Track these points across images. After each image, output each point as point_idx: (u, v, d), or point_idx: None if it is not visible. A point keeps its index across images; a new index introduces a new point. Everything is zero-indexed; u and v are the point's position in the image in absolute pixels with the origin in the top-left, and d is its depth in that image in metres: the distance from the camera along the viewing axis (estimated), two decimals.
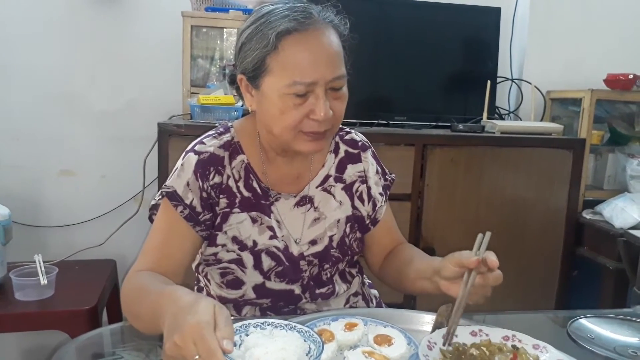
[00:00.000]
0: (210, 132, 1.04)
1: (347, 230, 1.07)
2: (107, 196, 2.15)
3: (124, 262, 2.10)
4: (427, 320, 0.91)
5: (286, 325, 0.74)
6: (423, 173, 1.89)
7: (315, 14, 0.91)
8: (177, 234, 0.97)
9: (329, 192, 1.07)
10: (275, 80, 0.89)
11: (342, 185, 1.08)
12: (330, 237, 1.05)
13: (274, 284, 1.02)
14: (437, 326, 0.85)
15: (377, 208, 1.10)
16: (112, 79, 2.14)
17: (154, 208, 1.01)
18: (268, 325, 0.74)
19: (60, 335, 1.62)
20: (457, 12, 2.23)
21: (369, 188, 1.10)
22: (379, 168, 1.13)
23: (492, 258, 0.82)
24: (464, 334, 0.81)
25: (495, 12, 2.26)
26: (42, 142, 2.11)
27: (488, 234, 0.86)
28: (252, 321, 0.74)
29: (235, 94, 1.88)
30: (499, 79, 2.31)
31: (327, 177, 1.07)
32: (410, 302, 1.91)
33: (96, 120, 2.14)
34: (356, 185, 1.09)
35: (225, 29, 2.03)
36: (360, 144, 1.12)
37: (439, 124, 2.12)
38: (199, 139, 1.03)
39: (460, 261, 0.84)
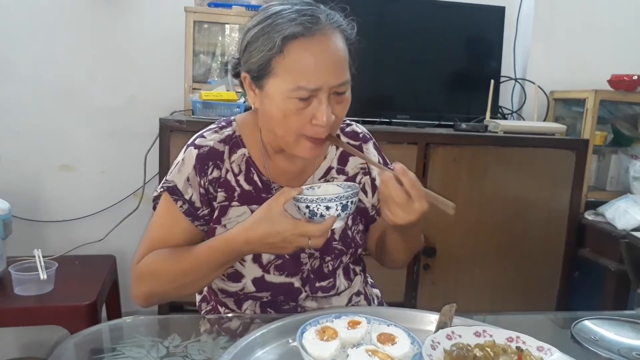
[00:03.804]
0: (212, 126, 1.05)
1: (349, 222, 1.08)
2: (108, 191, 2.15)
3: (123, 258, 2.09)
4: (430, 319, 0.90)
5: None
6: (425, 172, 1.88)
7: (323, 18, 0.90)
8: (177, 227, 0.99)
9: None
10: (279, 83, 0.89)
11: (344, 177, 1.09)
12: (332, 230, 1.04)
13: (274, 277, 1.02)
14: (440, 326, 0.84)
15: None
16: (114, 73, 2.13)
17: (157, 199, 1.02)
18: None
19: (59, 330, 1.62)
20: (461, 10, 2.22)
21: (372, 179, 1.11)
22: (380, 159, 1.13)
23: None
24: (468, 335, 0.80)
25: (500, 11, 2.25)
26: (43, 137, 2.10)
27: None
28: None
29: (239, 91, 1.88)
30: (502, 79, 2.30)
31: (330, 169, 1.08)
32: (411, 301, 1.90)
33: (97, 115, 2.13)
34: (359, 177, 1.10)
35: (227, 25, 2.03)
36: (361, 135, 1.13)
37: (442, 123, 2.12)
38: (200, 132, 1.04)
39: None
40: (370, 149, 1.12)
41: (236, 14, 1.97)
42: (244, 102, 1.81)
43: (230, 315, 1.03)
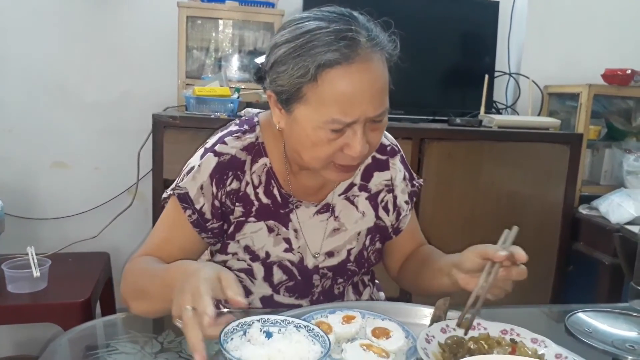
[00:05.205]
0: (234, 129, 0.97)
1: (367, 242, 1.04)
2: (101, 188, 2.13)
3: (118, 255, 2.08)
4: (425, 313, 0.90)
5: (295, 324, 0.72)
6: (420, 167, 1.88)
7: (363, 40, 0.80)
8: (180, 234, 0.94)
9: (352, 203, 1.02)
10: (310, 112, 0.82)
11: (366, 194, 1.03)
12: (349, 251, 1.02)
13: (283, 298, 1.00)
14: (435, 319, 0.84)
15: (401, 217, 1.07)
16: (106, 69, 2.11)
17: (166, 200, 0.98)
18: (273, 323, 0.72)
19: (53, 328, 1.61)
20: (455, 5, 2.22)
21: (394, 197, 1.05)
22: (406, 174, 1.07)
23: (520, 252, 0.81)
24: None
25: (494, 5, 2.25)
26: (35, 134, 2.08)
27: (515, 229, 0.84)
28: (257, 317, 0.72)
29: (232, 87, 1.87)
30: (496, 73, 2.30)
31: (352, 185, 1.02)
32: (406, 295, 1.91)
33: (90, 111, 2.11)
34: (382, 195, 1.04)
35: (221, 20, 2.01)
36: (389, 149, 1.06)
37: (436, 118, 2.12)
38: (220, 135, 0.97)
39: (485, 252, 0.81)
40: (396, 164, 1.06)
41: (229, 9, 1.96)
42: (238, 97, 1.80)
43: (225, 311, 1.02)
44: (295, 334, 0.70)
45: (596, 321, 0.92)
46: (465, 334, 0.77)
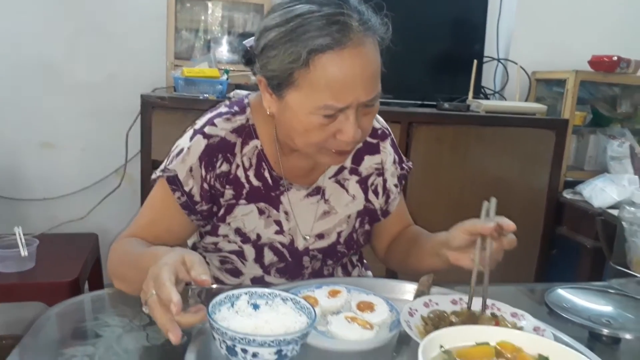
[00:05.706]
0: (223, 110, 0.97)
1: (357, 225, 1.05)
2: (89, 169, 2.12)
3: (106, 236, 2.08)
4: (408, 289, 0.92)
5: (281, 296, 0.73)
6: (408, 151, 1.90)
7: (355, 24, 0.79)
8: (168, 215, 0.94)
9: (342, 186, 1.03)
10: (302, 98, 0.81)
11: (357, 177, 1.04)
12: (339, 233, 1.03)
13: (273, 279, 1.01)
14: (418, 295, 0.86)
15: (390, 200, 1.08)
16: (94, 49, 2.08)
17: (155, 181, 0.97)
18: (261, 296, 0.73)
19: (41, 307, 1.61)
20: None
21: (384, 180, 1.06)
22: (396, 157, 1.08)
23: (508, 222, 0.81)
24: (445, 302, 0.82)
25: None
26: (22, 114, 2.06)
27: (494, 200, 0.84)
28: (245, 290, 0.73)
29: (222, 68, 1.86)
30: (485, 59, 2.31)
31: (342, 168, 1.03)
32: (393, 274, 1.93)
33: (77, 91, 2.09)
34: (372, 178, 1.05)
35: (210, 2, 2.00)
36: (380, 132, 1.06)
37: (425, 102, 2.12)
38: (209, 116, 0.96)
39: (474, 228, 0.81)
40: (387, 148, 1.06)
41: None
42: (227, 79, 1.80)
43: (215, 286, 1.03)
44: (282, 306, 0.71)
45: (574, 297, 0.95)
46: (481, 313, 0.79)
